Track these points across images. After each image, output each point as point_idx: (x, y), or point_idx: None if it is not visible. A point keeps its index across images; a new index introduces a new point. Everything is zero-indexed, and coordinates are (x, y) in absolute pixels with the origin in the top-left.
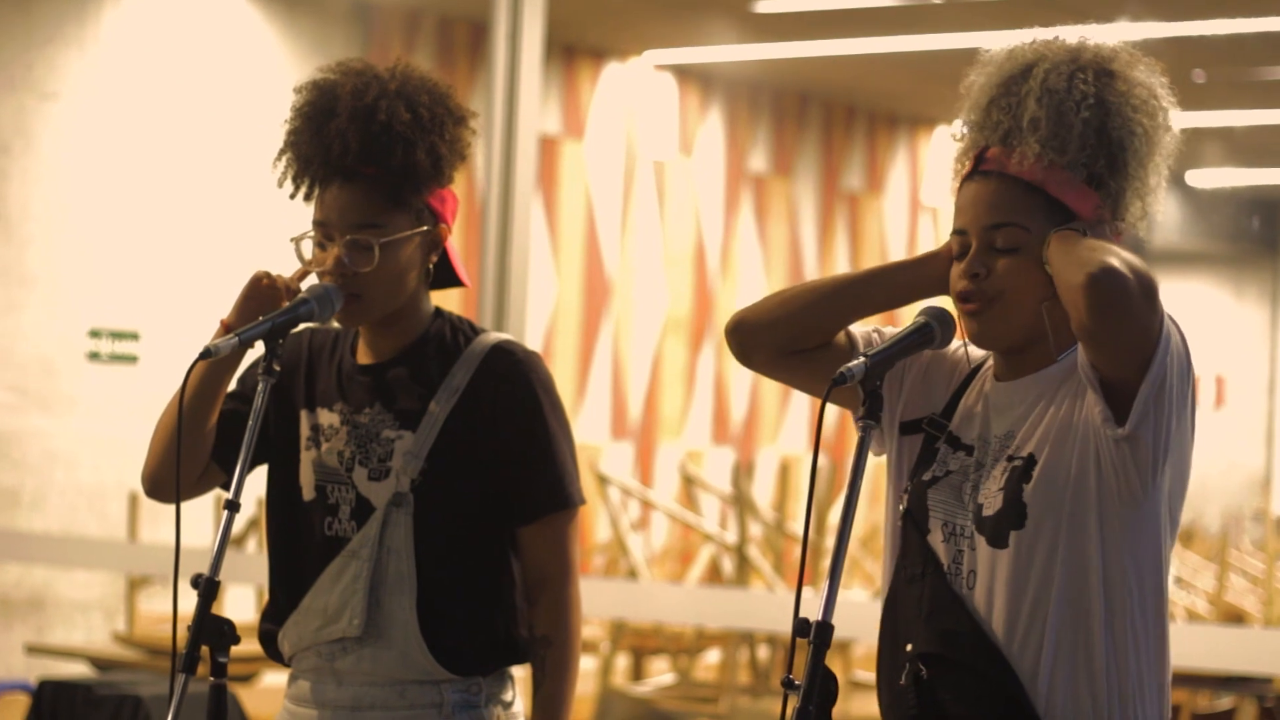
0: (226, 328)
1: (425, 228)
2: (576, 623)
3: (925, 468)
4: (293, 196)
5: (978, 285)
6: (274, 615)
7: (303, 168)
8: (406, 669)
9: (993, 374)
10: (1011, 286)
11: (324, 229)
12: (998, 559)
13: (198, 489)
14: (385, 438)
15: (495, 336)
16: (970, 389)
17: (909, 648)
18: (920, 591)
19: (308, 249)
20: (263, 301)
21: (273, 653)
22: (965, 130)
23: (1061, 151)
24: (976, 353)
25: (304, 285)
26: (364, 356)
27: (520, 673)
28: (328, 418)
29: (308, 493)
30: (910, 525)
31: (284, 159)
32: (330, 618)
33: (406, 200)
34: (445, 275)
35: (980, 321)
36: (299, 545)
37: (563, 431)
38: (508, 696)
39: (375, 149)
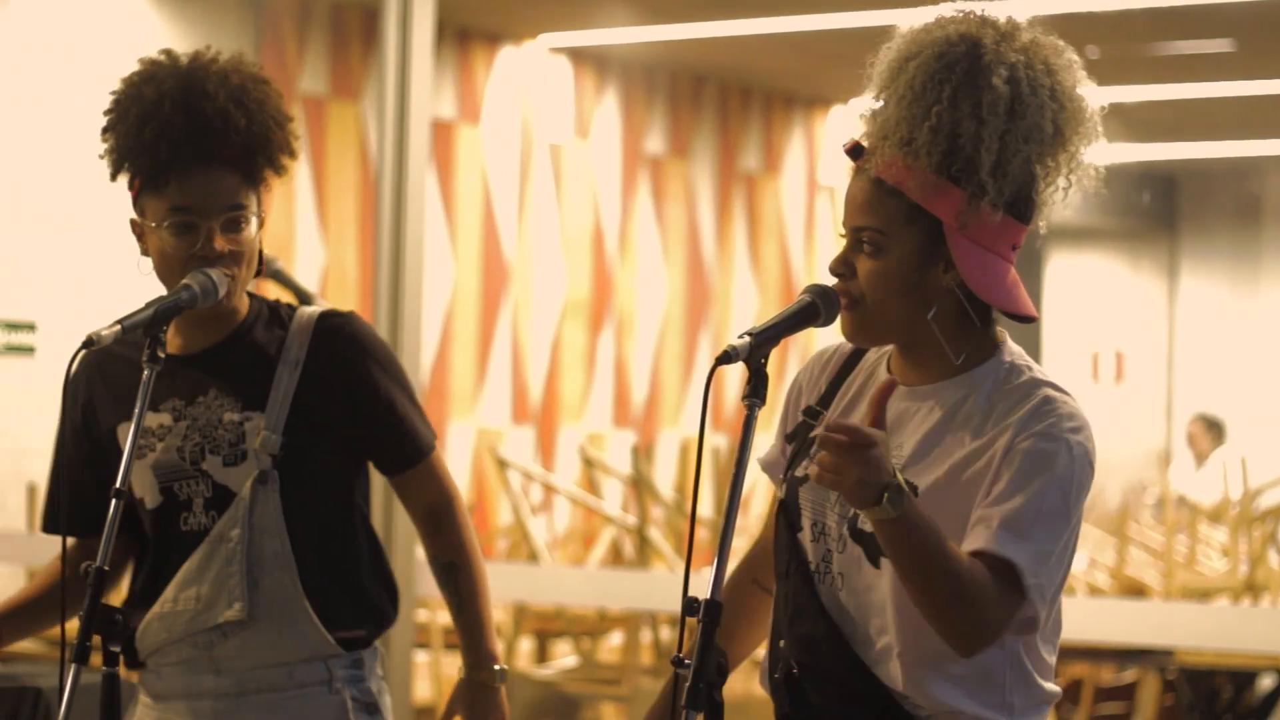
0: None
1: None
2: (476, 540)
3: (799, 461)
4: (146, 186)
5: (844, 285)
6: None
7: (170, 154)
8: (293, 648)
9: (886, 368)
10: (871, 292)
11: (187, 214)
12: (873, 576)
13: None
14: (230, 421)
15: (317, 307)
16: (852, 379)
17: (781, 644)
18: (786, 590)
19: (168, 238)
20: None
21: (126, 655)
22: (862, 115)
23: (915, 156)
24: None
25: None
26: (179, 349)
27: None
28: (155, 419)
29: (152, 499)
30: (782, 520)
31: (134, 146)
32: (204, 606)
33: (263, 178)
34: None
35: (851, 319)
36: (147, 548)
37: (400, 383)
38: (380, 670)
39: (257, 126)
